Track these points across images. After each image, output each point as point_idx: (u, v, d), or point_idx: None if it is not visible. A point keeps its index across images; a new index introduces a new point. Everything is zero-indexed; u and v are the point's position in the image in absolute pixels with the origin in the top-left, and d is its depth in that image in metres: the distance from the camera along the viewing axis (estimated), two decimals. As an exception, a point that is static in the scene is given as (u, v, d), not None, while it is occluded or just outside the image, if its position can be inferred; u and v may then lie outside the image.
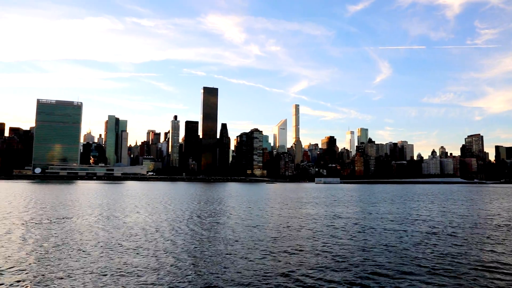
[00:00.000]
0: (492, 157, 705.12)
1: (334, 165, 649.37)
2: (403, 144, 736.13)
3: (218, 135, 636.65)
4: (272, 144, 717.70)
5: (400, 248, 28.58)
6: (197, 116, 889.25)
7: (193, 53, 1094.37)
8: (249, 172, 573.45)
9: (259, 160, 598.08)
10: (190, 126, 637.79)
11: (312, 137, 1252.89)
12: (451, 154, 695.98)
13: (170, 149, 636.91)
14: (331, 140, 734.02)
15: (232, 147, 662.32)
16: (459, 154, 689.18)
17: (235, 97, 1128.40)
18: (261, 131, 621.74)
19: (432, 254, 26.27)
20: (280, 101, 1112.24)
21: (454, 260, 24.61)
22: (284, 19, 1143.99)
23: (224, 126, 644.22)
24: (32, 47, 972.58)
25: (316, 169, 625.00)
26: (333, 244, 29.84)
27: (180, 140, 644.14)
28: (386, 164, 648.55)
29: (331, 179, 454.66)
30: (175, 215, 51.39)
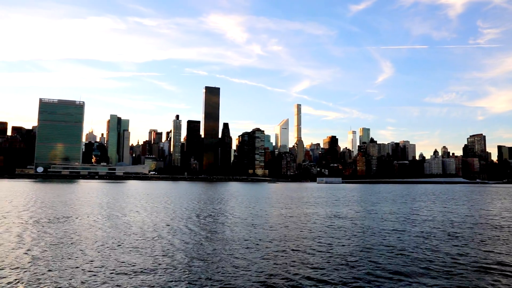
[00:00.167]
0: (494, 157, 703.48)
1: (336, 165, 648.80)
2: (405, 144, 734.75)
3: (220, 135, 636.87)
4: (274, 144, 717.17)
5: (401, 248, 28.47)
6: (199, 115, 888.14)
7: (195, 52, 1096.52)
8: (251, 171, 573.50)
9: (261, 160, 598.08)
10: (192, 125, 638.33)
11: (314, 137, 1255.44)
12: (453, 154, 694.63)
13: (172, 149, 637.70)
14: (333, 140, 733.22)
15: (234, 147, 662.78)
16: (461, 154, 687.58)
17: (237, 96, 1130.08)
18: (263, 131, 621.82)
19: (433, 255, 26.16)
20: (282, 101, 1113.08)
21: (455, 260, 24.51)
22: (286, 19, 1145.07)
23: (226, 125, 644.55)
24: (34, 47, 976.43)
25: (318, 169, 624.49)
26: (334, 244, 29.76)
27: (182, 140, 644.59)
28: (388, 164, 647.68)
29: (332, 179, 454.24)
30: (176, 214, 51.41)
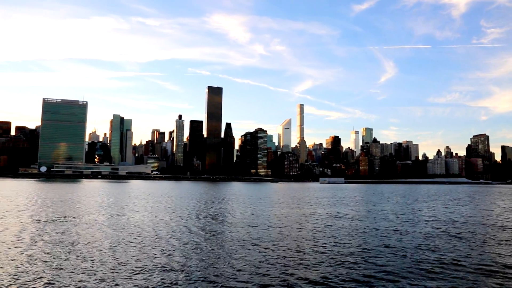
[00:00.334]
0: (498, 157, 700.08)
1: (338, 165, 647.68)
2: (408, 144, 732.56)
3: (222, 135, 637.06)
4: (276, 144, 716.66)
5: (403, 249, 28.47)
6: (201, 115, 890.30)
7: (198, 52, 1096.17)
8: (253, 171, 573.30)
9: (263, 160, 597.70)
10: (195, 125, 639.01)
11: (316, 137, 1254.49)
12: (456, 154, 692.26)
13: (174, 148, 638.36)
14: (336, 140, 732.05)
15: (236, 147, 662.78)
16: (465, 154, 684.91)
17: (239, 96, 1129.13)
18: (266, 131, 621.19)
19: (435, 256, 26.15)
20: (284, 101, 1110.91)
21: (456, 262, 24.49)
22: (289, 19, 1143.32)
23: (228, 125, 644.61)
24: (38, 46, 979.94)
25: (321, 169, 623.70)
26: (335, 245, 29.79)
27: (185, 140, 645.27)
28: (390, 164, 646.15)
29: (335, 179, 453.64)
30: (178, 214, 51.54)
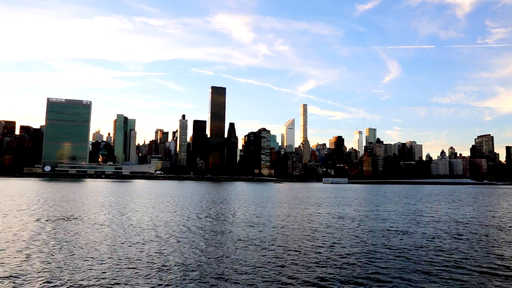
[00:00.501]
0: (502, 158, 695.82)
1: (342, 165, 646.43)
2: (411, 144, 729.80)
3: (226, 135, 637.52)
4: (279, 144, 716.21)
5: (404, 250, 28.43)
6: (205, 115, 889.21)
7: (201, 52, 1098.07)
8: (256, 171, 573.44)
9: (266, 160, 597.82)
10: (198, 125, 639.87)
11: (320, 137, 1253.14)
12: (460, 154, 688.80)
13: (178, 148, 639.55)
14: (339, 140, 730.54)
15: (239, 147, 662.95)
16: (469, 155, 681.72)
17: (243, 96, 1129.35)
18: (269, 131, 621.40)
19: (436, 257, 26.10)
20: (288, 101, 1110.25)
21: (458, 264, 24.43)
22: (292, 19, 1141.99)
23: (232, 125, 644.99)
24: (42, 47, 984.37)
25: (324, 169, 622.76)
26: (336, 245, 29.78)
27: (188, 139, 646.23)
28: (394, 164, 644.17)
29: (338, 179, 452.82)
30: (180, 214, 51.68)
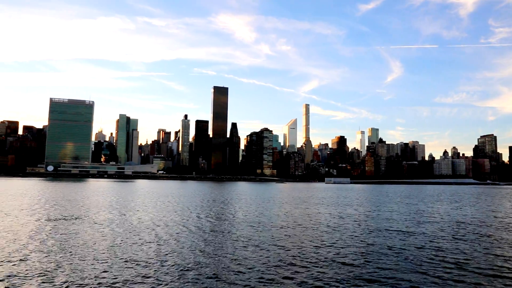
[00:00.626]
0: (505, 157, 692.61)
1: (344, 165, 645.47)
2: (414, 144, 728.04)
3: (228, 135, 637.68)
4: (282, 144, 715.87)
5: (405, 250, 28.38)
6: (207, 115, 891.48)
7: (203, 52, 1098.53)
8: (259, 171, 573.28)
9: (269, 160, 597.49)
10: (200, 125, 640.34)
11: (322, 137, 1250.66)
12: (463, 154, 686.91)
13: (180, 148, 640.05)
14: (342, 140, 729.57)
15: (242, 147, 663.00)
16: (472, 155, 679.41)
17: (245, 96, 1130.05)
18: (271, 131, 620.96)
19: (437, 257, 26.03)
20: (290, 101, 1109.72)
21: (459, 266, 24.37)
22: (294, 19, 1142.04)
23: (234, 125, 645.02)
24: (45, 47, 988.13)
25: (326, 169, 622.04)
26: (338, 245, 29.74)
27: (190, 139, 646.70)
28: (396, 164, 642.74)
29: (341, 179, 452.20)
30: (182, 213, 51.73)
